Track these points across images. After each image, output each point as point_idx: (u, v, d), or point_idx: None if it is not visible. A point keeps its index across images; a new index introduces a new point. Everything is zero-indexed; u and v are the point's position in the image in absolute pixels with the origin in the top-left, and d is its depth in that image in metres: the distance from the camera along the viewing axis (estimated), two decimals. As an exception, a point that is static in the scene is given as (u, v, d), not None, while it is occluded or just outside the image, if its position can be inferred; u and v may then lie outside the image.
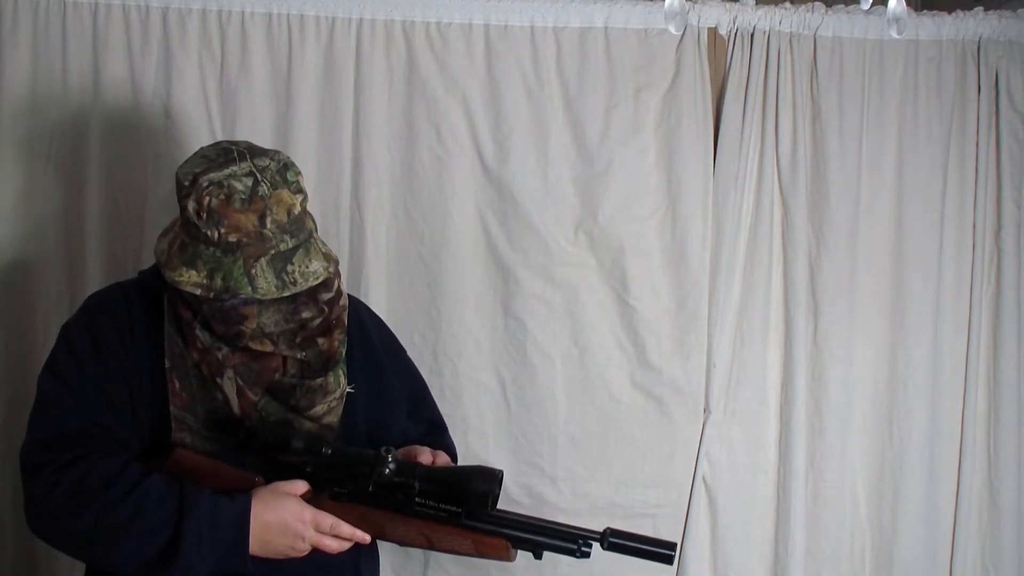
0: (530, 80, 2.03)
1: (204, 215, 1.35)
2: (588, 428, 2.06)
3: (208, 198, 1.34)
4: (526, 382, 2.05)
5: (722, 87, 2.08)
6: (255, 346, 1.40)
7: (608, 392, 2.06)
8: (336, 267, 1.45)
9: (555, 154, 2.04)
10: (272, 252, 1.37)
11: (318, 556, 1.44)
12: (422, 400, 1.73)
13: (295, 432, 1.42)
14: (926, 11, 2.13)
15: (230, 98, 1.97)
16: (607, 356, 2.06)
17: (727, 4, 2.07)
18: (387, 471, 1.38)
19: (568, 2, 2.03)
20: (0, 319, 1.96)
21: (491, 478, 1.38)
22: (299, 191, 1.41)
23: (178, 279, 1.37)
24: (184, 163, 1.41)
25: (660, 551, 1.40)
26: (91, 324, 1.45)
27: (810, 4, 2.08)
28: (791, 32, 2.06)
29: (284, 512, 1.37)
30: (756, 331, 2.09)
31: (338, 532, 1.39)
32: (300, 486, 1.40)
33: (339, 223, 2.01)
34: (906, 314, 2.10)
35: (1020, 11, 2.10)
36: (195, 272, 1.37)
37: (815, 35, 2.07)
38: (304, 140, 1.99)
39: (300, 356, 1.43)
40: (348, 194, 2.02)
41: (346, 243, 2.02)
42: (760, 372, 2.10)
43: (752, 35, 2.06)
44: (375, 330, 1.66)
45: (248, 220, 1.35)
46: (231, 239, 1.35)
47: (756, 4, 2.07)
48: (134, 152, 1.95)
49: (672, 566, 1.46)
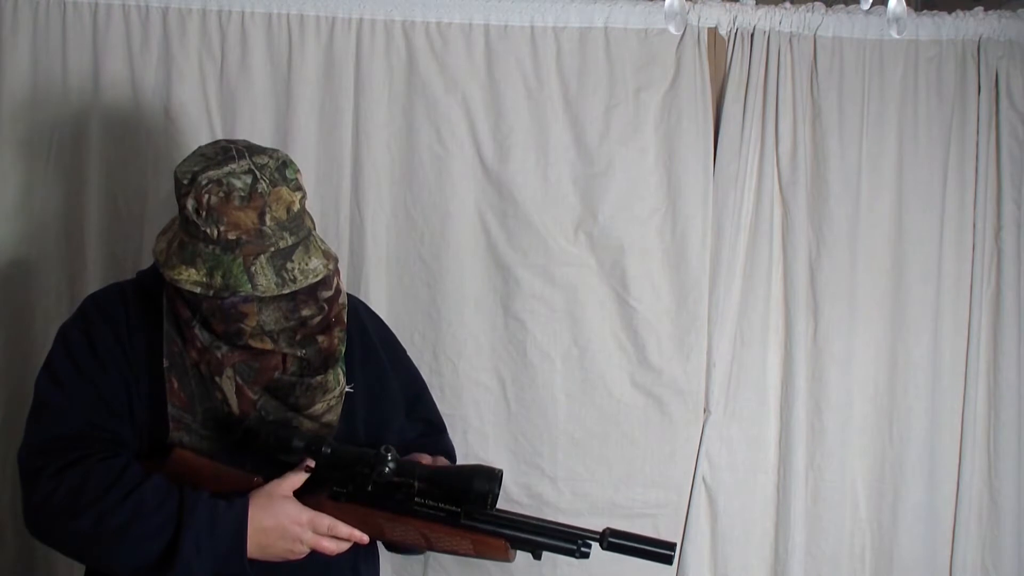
0: (530, 80, 2.03)
1: (203, 213, 1.35)
2: (588, 428, 2.06)
3: (207, 196, 1.34)
4: (526, 382, 2.05)
5: (722, 87, 2.08)
6: (255, 344, 1.39)
7: (608, 392, 2.06)
8: (335, 265, 1.45)
9: (555, 154, 2.04)
10: (272, 249, 1.36)
11: (317, 557, 1.43)
12: (420, 399, 1.73)
13: (295, 432, 1.42)
14: (926, 11, 2.14)
15: (230, 98, 1.97)
16: (607, 356, 2.06)
17: (727, 4, 2.07)
18: (387, 470, 1.38)
19: (568, 2, 2.03)
20: (0, 319, 1.96)
21: (491, 478, 1.38)
22: (298, 188, 1.41)
23: (177, 277, 1.37)
24: (183, 162, 1.41)
25: (659, 551, 1.40)
26: (87, 325, 1.45)
27: (810, 4, 2.08)
28: (791, 32, 2.06)
29: (281, 516, 1.37)
30: (756, 331, 2.09)
31: (336, 533, 1.39)
32: (294, 481, 1.39)
33: (339, 223, 2.01)
34: (906, 314, 2.10)
35: (1020, 11, 2.10)
36: (195, 270, 1.36)
37: (815, 35, 2.07)
38: (304, 140, 1.99)
39: (300, 354, 1.42)
40: (348, 194, 2.02)
41: (346, 243, 2.02)
42: (760, 372, 2.10)
43: (752, 35, 2.06)
44: (375, 329, 1.66)
45: (247, 217, 1.35)
46: (230, 237, 1.35)
47: (756, 4, 2.07)
48: (134, 152, 1.95)
49: (672, 566, 1.46)
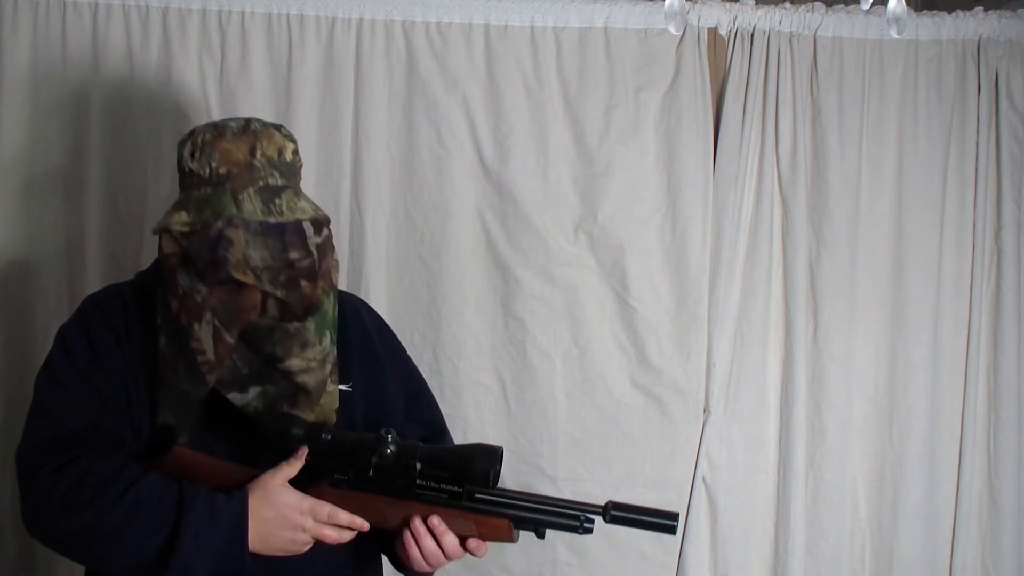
0: (530, 80, 2.03)
1: (197, 152, 1.40)
2: (588, 428, 2.06)
3: (202, 136, 1.41)
4: (526, 382, 2.05)
5: (722, 87, 2.08)
6: (237, 275, 1.37)
7: (608, 392, 2.06)
8: (328, 223, 1.45)
9: (555, 154, 2.04)
10: (260, 183, 1.38)
11: (318, 559, 1.43)
12: (420, 399, 1.72)
13: (295, 421, 1.40)
14: (926, 11, 2.14)
15: (230, 98, 1.97)
16: (607, 356, 2.06)
17: (727, 4, 2.07)
18: (388, 452, 1.37)
19: (568, 2, 2.03)
20: (0, 320, 1.96)
21: (491, 456, 1.37)
22: (291, 140, 1.45)
23: (167, 223, 1.39)
24: None
25: (662, 522, 1.39)
26: (87, 326, 1.45)
27: (810, 4, 2.08)
28: (791, 32, 2.06)
29: (280, 505, 1.35)
30: (756, 331, 2.09)
31: (336, 520, 1.37)
32: (289, 471, 1.37)
33: (339, 223, 2.01)
34: (906, 314, 2.10)
35: (1020, 11, 2.10)
36: (184, 213, 1.39)
37: (815, 35, 2.07)
38: (304, 140, 1.98)
39: (279, 294, 1.40)
40: (348, 194, 2.02)
41: (346, 243, 2.02)
42: (760, 372, 2.10)
43: (752, 35, 2.06)
44: (376, 330, 1.65)
45: (238, 150, 1.39)
46: (221, 171, 1.38)
47: (756, 4, 2.08)
48: (134, 152, 1.95)
49: (676, 536, 1.44)
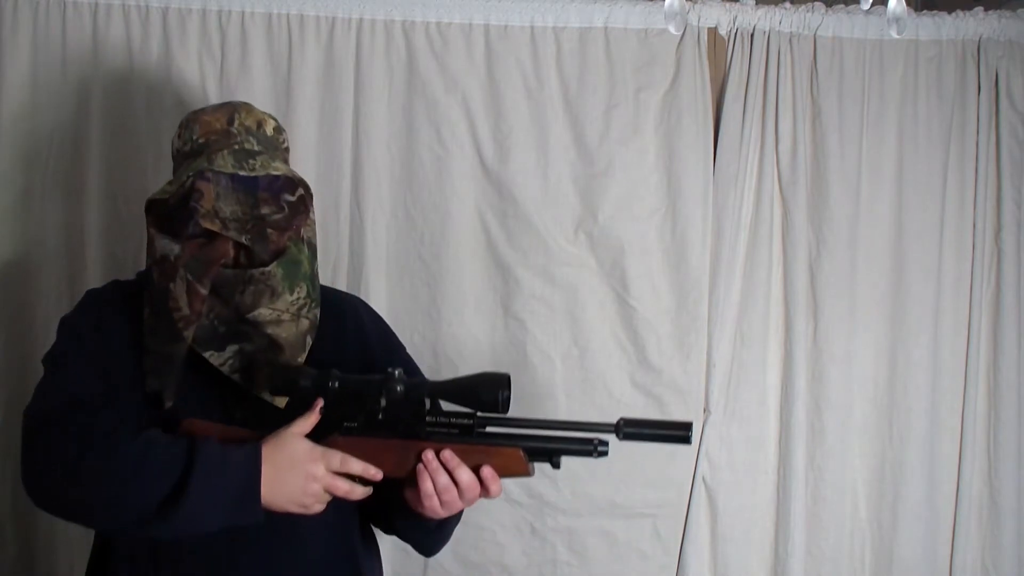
0: (530, 80, 2.03)
1: (181, 129, 1.48)
2: (588, 428, 2.06)
3: (187, 116, 1.49)
4: (526, 382, 2.05)
5: (722, 87, 2.08)
6: (205, 223, 1.38)
7: (608, 392, 2.06)
8: (307, 188, 1.47)
9: (555, 154, 2.04)
10: (236, 147, 1.42)
11: (317, 557, 1.43)
12: None
13: (301, 370, 1.40)
14: (926, 11, 2.14)
15: (230, 98, 1.96)
16: (607, 356, 2.06)
17: (727, 4, 2.07)
18: (397, 390, 1.37)
19: (568, 2, 2.03)
20: (0, 319, 1.96)
21: (498, 382, 1.37)
22: (275, 119, 1.51)
23: (151, 198, 1.44)
24: None
25: (676, 433, 1.38)
26: (88, 308, 1.47)
27: (810, 4, 2.08)
28: (791, 32, 2.06)
29: (294, 453, 1.33)
30: (756, 331, 2.09)
31: (348, 468, 1.35)
32: (305, 424, 1.36)
33: (339, 223, 2.01)
34: (906, 314, 2.10)
35: (1020, 11, 2.10)
36: (167, 185, 1.44)
37: (815, 35, 2.07)
38: (304, 140, 1.99)
39: (245, 240, 1.40)
40: (348, 194, 2.02)
41: (346, 243, 2.02)
42: (760, 372, 2.10)
43: (752, 35, 2.06)
44: (374, 330, 1.65)
45: (217, 120, 1.45)
46: (200, 141, 1.44)
47: (756, 4, 2.08)
48: (134, 152, 1.95)
49: (690, 445, 1.41)
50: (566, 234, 2.05)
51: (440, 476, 1.35)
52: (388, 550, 2.03)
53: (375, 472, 1.36)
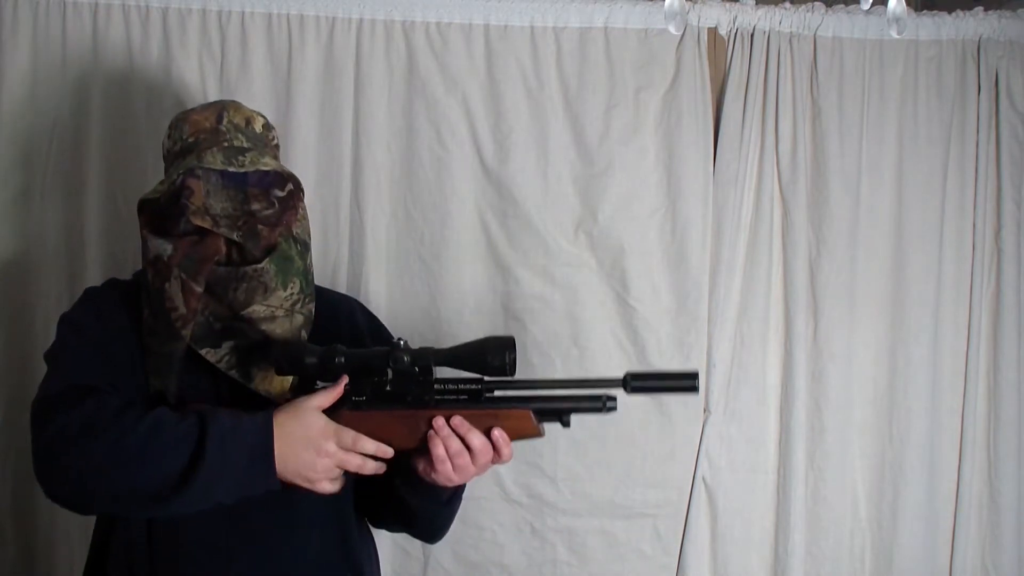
0: (530, 80, 2.03)
1: (171, 130, 1.49)
2: (588, 428, 2.05)
3: (175, 117, 1.51)
4: (526, 382, 2.05)
5: (722, 87, 2.08)
6: (196, 220, 1.39)
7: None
8: (297, 183, 1.47)
9: (555, 154, 2.04)
10: (225, 144, 1.43)
11: (315, 551, 1.43)
12: None
13: (307, 347, 1.41)
14: (926, 11, 2.14)
15: (230, 98, 1.97)
16: (607, 356, 2.05)
17: (727, 4, 2.07)
18: (404, 360, 1.37)
19: (568, 2, 2.03)
20: (0, 319, 1.96)
21: (504, 344, 1.37)
22: (263, 116, 1.52)
23: (143, 198, 1.45)
24: None
25: (683, 383, 1.38)
26: (88, 303, 1.48)
27: (810, 4, 2.08)
28: (791, 32, 2.06)
29: (309, 426, 1.33)
30: (756, 331, 2.09)
31: (360, 447, 1.35)
32: (324, 399, 1.36)
33: (339, 223, 2.01)
34: (906, 314, 2.10)
35: (1020, 11, 2.10)
36: (158, 185, 1.45)
37: (815, 35, 2.07)
38: (304, 140, 1.99)
39: (236, 237, 1.41)
40: (348, 194, 2.02)
41: (346, 243, 2.02)
42: (760, 372, 2.10)
43: (752, 35, 2.06)
44: (370, 331, 1.65)
45: (206, 119, 1.46)
46: (190, 140, 1.44)
47: (756, 4, 2.07)
48: (134, 152, 1.95)
49: (698, 394, 1.40)
50: (566, 234, 2.05)
51: (452, 441, 1.35)
52: (388, 550, 2.03)
53: (387, 450, 1.37)
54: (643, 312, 2.05)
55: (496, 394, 1.40)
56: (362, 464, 1.36)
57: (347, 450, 1.35)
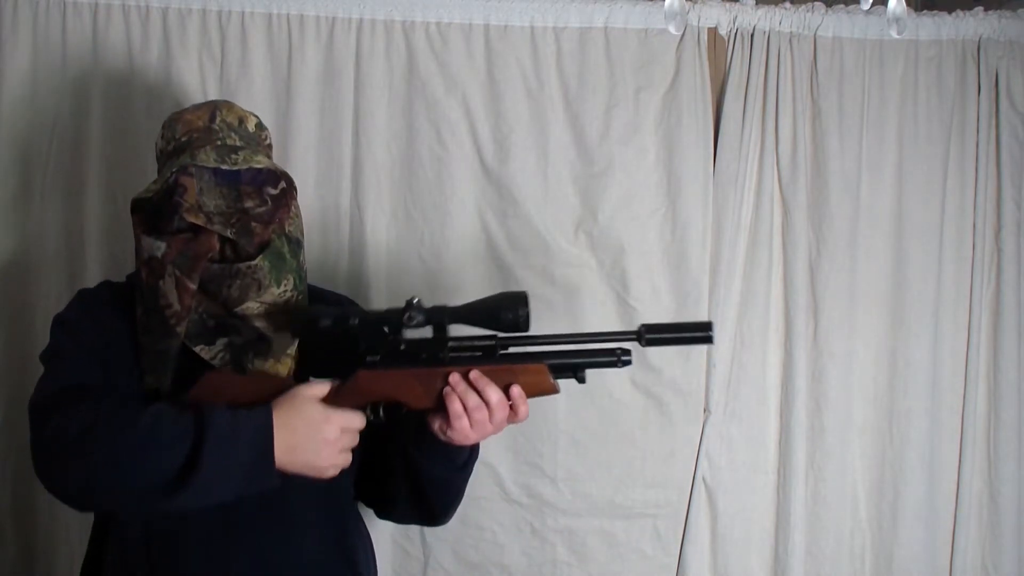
0: (530, 80, 2.03)
1: (164, 130, 1.50)
2: (588, 428, 2.06)
3: (168, 117, 1.51)
4: (526, 382, 2.05)
5: (722, 87, 2.08)
6: (189, 217, 1.40)
7: (608, 392, 2.06)
8: (290, 181, 1.48)
9: (555, 154, 2.04)
10: (218, 143, 1.44)
11: (312, 551, 1.44)
12: None
13: (322, 311, 1.42)
14: (926, 11, 2.14)
15: (230, 98, 1.96)
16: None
17: (727, 4, 2.07)
18: (419, 318, 1.37)
19: (568, 2, 2.03)
20: (0, 319, 1.96)
21: (517, 299, 1.37)
22: (256, 116, 1.54)
23: (137, 196, 1.46)
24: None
25: (697, 334, 1.40)
26: (82, 304, 1.48)
27: (810, 4, 2.08)
28: (791, 32, 2.06)
29: (307, 416, 1.33)
30: (756, 331, 2.09)
31: (356, 426, 1.36)
32: (320, 389, 1.36)
33: (339, 223, 2.01)
34: (906, 314, 2.10)
35: (1020, 11, 2.10)
36: (152, 184, 1.46)
37: (815, 35, 2.07)
38: (304, 140, 1.99)
39: (230, 234, 1.42)
40: (348, 194, 2.02)
41: (346, 243, 2.02)
42: (760, 372, 2.09)
43: (752, 35, 2.06)
44: None
45: (199, 118, 1.47)
46: (183, 139, 1.46)
47: (756, 4, 2.08)
48: (134, 152, 1.95)
49: (713, 345, 1.41)
50: (566, 234, 2.05)
51: (470, 396, 1.35)
52: (388, 550, 2.04)
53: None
54: (643, 312, 2.05)
55: (510, 351, 1.40)
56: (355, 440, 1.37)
57: (348, 431, 1.35)
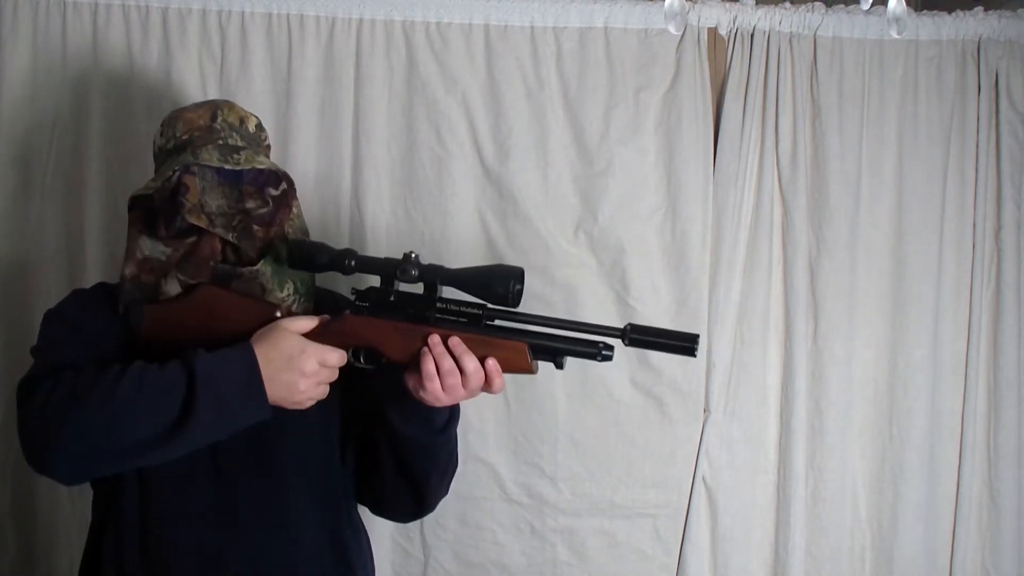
0: (530, 80, 2.03)
1: (164, 127, 1.49)
2: (588, 428, 2.06)
3: (168, 115, 1.51)
4: (526, 382, 2.04)
5: (722, 87, 2.08)
6: (191, 219, 1.40)
7: (608, 392, 2.06)
8: (290, 182, 1.48)
9: (555, 154, 2.04)
10: (220, 142, 1.44)
11: (306, 549, 1.44)
12: None
13: (322, 248, 1.42)
14: (926, 11, 2.13)
15: (230, 98, 1.96)
16: (607, 356, 2.05)
17: (727, 4, 2.07)
18: (413, 273, 1.38)
19: (568, 2, 2.03)
20: (0, 320, 1.96)
21: (509, 274, 1.37)
22: (256, 117, 1.55)
23: (135, 193, 1.45)
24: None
25: (682, 344, 1.34)
26: (74, 301, 1.48)
27: (810, 4, 2.08)
28: (791, 32, 2.06)
29: (285, 348, 1.33)
30: (756, 331, 2.09)
31: (333, 363, 1.36)
32: (304, 323, 1.37)
33: (339, 223, 2.01)
34: (906, 314, 2.10)
35: (1020, 11, 2.10)
36: (151, 182, 1.45)
37: (815, 35, 2.07)
38: (304, 140, 1.99)
39: (232, 238, 1.42)
40: (348, 194, 2.02)
41: (346, 243, 2.01)
42: (760, 372, 2.10)
43: (752, 35, 2.06)
44: None
45: (200, 117, 1.47)
46: (184, 137, 1.45)
47: (756, 4, 2.07)
48: (134, 152, 1.95)
49: (696, 358, 1.39)
50: (566, 234, 2.05)
51: (444, 360, 1.35)
52: (388, 550, 2.04)
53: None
54: (643, 312, 2.04)
55: (496, 323, 1.39)
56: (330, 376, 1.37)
57: (327, 367, 1.35)
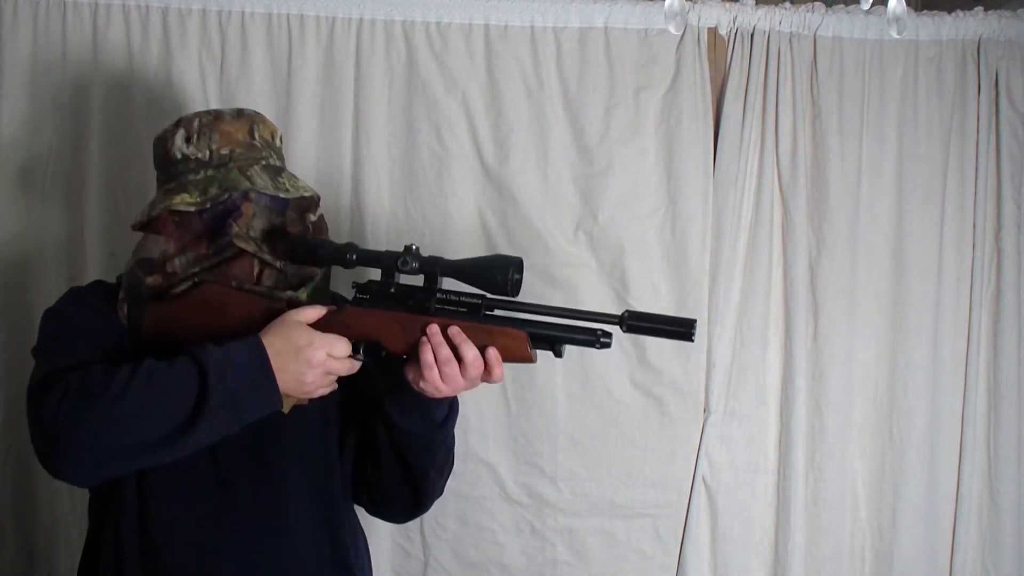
0: (530, 80, 2.03)
1: (195, 136, 1.43)
2: (588, 428, 2.06)
3: (196, 121, 1.44)
4: (526, 382, 2.05)
5: (722, 87, 2.08)
6: (239, 243, 1.40)
7: (608, 392, 2.06)
8: (319, 203, 1.50)
9: (555, 154, 2.04)
10: (263, 162, 1.43)
11: (304, 549, 1.44)
12: None
13: (323, 242, 1.43)
14: (926, 11, 2.13)
15: (230, 98, 1.97)
16: (607, 356, 2.05)
17: (727, 4, 2.07)
18: (413, 265, 1.38)
19: (568, 2, 2.03)
20: (0, 319, 1.96)
21: (510, 263, 1.37)
22: (276, 126, 1.52)
23: (170, 202, 1.39)
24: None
25: (679, 329, 1.36)
26: (72, 299, 1.48)
27: (810, 4, 2.08)
28: (791, 32, 2.06)
29: (294, 338, 1.33)
30: (756, 331, 2.09)
31: (342, 353, 1.36)
32: (311, 313, 1.37)
33: (339, 223, 2.01)
34: (906, 314, 2.10)
35: (1020, 11, 2.10)
36: (187, 195, 1.40)
37: (815, 35, 2.07)
38: (304, 140, 1.99)
39: (279, 266, 1.43)
40: (348, 194, 2.02)
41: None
42: (760, 372, 2.09)
43: (752, 35, 2.06)
44: None
45: (238, 130, 1.44)
46: (223, 152, 1.42)
47: (756, 4, 2.07)
48: (134, 152, 1.95)
49: (693, 343, 1.39)
50: (566, 234, 2.05)
51: (442, 349, 1.35)
52: (388, 550, 2.04)
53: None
54: (643, 312, 2.05)
55: (495, 312, 1.40)
56: (351, 368, 1.37)
57: (335, 357, 1.36)
